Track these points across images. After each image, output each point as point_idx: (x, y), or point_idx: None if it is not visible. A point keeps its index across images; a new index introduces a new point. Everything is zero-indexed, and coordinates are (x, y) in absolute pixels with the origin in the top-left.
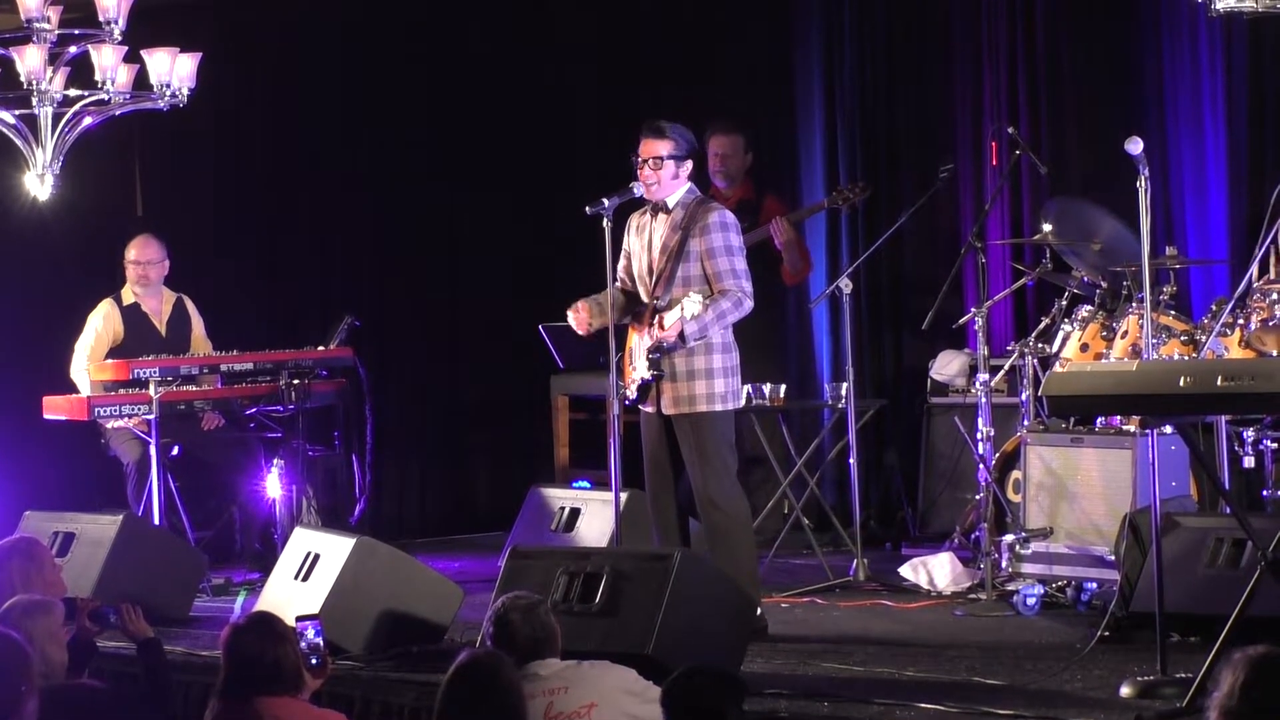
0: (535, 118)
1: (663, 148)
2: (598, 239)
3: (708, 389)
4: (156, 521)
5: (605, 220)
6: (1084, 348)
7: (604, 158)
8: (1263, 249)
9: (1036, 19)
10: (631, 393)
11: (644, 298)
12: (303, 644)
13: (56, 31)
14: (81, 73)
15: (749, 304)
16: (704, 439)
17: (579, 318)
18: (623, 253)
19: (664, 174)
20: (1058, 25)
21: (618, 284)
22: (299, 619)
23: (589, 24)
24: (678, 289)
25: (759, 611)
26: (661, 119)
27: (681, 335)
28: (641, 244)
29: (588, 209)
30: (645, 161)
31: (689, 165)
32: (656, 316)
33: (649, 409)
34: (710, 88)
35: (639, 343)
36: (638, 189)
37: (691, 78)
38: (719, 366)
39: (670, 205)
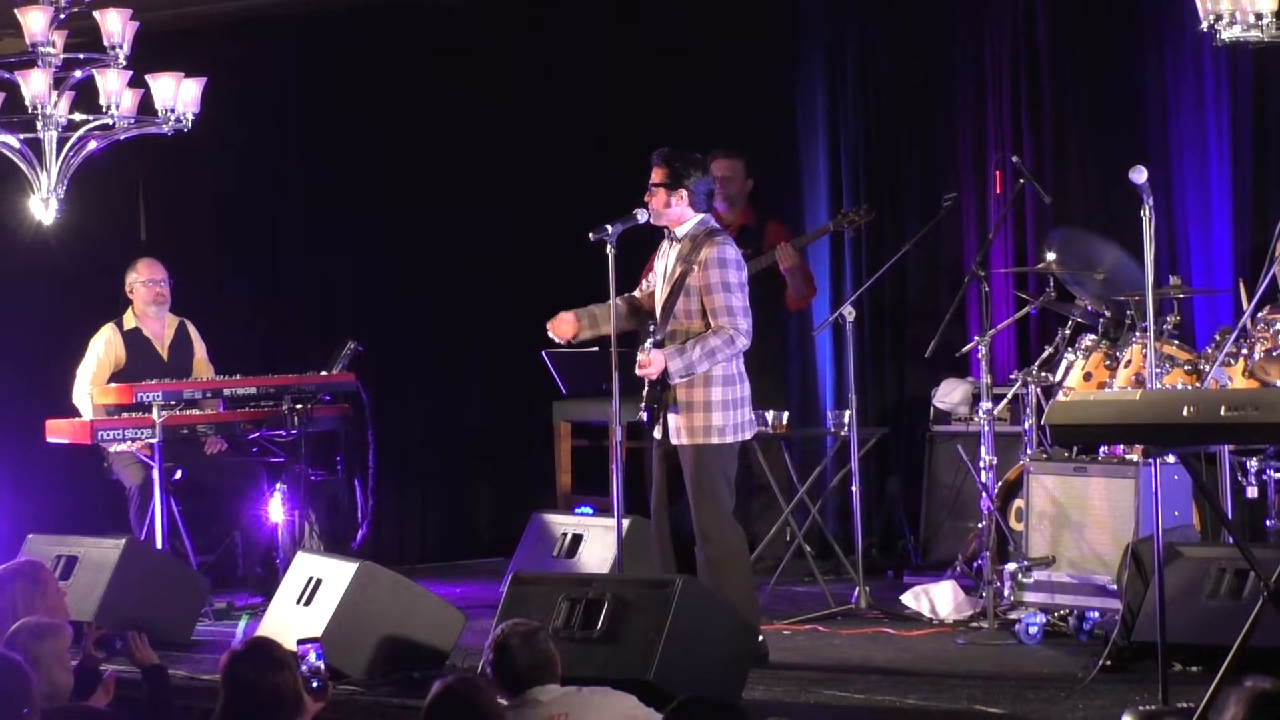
0: (536, 143)
1: (656, 175)
2: (601, 264)
3: (705, 421)
4: (159, 545)
5: (609, 246)
6: (1087, 377)
7: (606, 181)
8: (1265, 280)
9: (1040, 48)
10: (643, 416)
11: None
12: (304, 667)
13: (61, 56)
14: (86, 97)
15: (743, 342)
16: (700, 471)
17: (559, 329)
18: (653, 271)
19: (656, 201)
20: (1061, 54)
21: (639, 293)
22: (300, 641)
23: (590, 47)
24: (677, 321)
25: (760, 639)
26: (669, 147)
27: (666, 372)
28: (659, 271)
29: (591, 235)
30: (648, 187)
31: (683, 195)
32: (640, 351)
33: (657, 435)
34: (714, 114)
35: None
36: (641, 215)
37: (695, 104)
38: (719, 399)
39: (679, 235)
